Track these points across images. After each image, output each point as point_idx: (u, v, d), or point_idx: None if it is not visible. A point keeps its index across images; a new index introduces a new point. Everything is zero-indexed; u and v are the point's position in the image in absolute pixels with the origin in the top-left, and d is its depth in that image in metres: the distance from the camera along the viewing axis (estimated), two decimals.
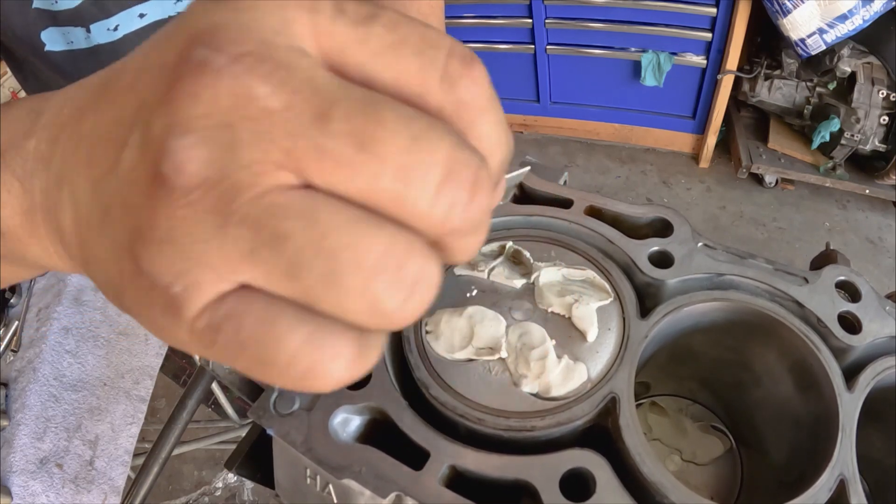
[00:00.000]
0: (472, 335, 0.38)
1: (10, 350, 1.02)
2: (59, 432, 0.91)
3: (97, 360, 1.05)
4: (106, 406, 1.00)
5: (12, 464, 0.84)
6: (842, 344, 0.38)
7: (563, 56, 2.55)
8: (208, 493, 1.78)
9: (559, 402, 0.36)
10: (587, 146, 2.80)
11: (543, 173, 0.51)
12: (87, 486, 0.89)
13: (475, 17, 2.55)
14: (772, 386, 0.44)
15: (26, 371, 0.96)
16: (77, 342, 1.05)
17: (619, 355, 0.38)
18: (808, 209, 2.39)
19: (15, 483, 0.82)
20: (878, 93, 2.02)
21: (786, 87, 2.27)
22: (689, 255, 0.42)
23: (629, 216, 0.46)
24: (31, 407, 0.91)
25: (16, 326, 1.04)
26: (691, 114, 2.57)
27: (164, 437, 0.64)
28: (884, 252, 2.20)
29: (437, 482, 0.33)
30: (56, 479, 0.86)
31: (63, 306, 1.08)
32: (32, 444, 0.88)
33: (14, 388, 0.94)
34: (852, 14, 1.86)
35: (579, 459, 0.33)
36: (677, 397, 0.52)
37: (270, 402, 0.36)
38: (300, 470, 0.36)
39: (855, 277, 0.41)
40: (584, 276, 0.42)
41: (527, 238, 0.45)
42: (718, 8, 2.17)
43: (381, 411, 0.36)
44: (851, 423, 0.35)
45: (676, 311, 0.40)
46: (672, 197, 2.52)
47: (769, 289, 0.41)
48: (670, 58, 2.34)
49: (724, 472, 0.47)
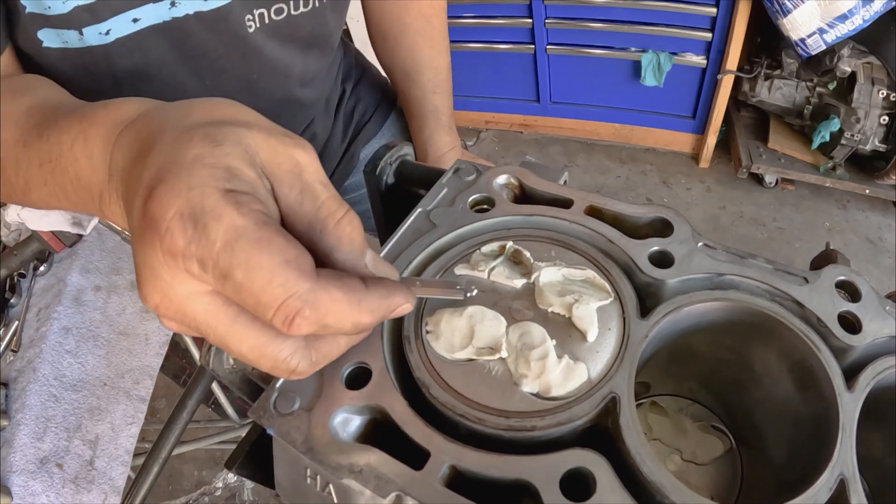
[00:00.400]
0: (472, 335, 0.38)
1: (10, 350, 1.02)
2: (59, 432, 0.91)
3: (97, 360, 1.05)
4: (106, 406, 1.00)
5: (12, 464, 0.84)
6: (842, 344, 0.38)
7: (563, 56, 2.55)
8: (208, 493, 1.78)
9: (559, 401, 0.36)
10: (587, 146, 2.80)
11: (543, 173, 0.51)
12: (87, 486, 0.89)
13: (475, 17, 2.55)
14: (772, 386, 0.44)
15: (26, 371, 0.96)
16: (77, 342, 1.05)
17: (619, 355, 0.38)
18: (808, 209, 2.39)
19: (15, 483, 0.82)
20: (878, 93, 2.02)
21: (786, 87, 2.27)
22: (689, 255, 0.42)
23: (629, 216, 0.46)
24: (31, 407, 0.91)
25: (16, 326, 1.04)
26: (691, 114, 2.57)
27: (164, 437, 0.64)
28: (884, 252, 2.20)
29: (437, 482, 0.33)
30: (56, 479, 0.86)
31: (63, 306, 1.08)
32: (32, 444, 0.88)
33: (14, 388, 0.94)
34: (852, 14, 1.86)
35: (579, 459, 0.33)
36: (677, 397, 0.52)
37: (270, 402, 0.37)
38: (300, 470, 0.36)
39: (855, 277, 0.41)
40: (584, 276, 0.42)
41: (527, 238, 0.45)
42: (718, 8, 2.17)
43: (381, 411, 0.36)
44: (851, 423, 0.35)
45: (676, 311, 0.40)
46: (672, 197, 2.52)
47: (769, 289, 0.41)
48: (670, 58, 2.34)
49: (724, 472, 0.47)
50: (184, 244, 0.27)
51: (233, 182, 0.29)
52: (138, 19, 0.57)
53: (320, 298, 0.29)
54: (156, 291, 0.29)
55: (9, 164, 0.48)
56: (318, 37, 0.74)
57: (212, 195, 0.28)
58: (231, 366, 0.51)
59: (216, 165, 0.29)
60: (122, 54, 0.58)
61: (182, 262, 0.28)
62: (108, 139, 0.38)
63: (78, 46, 0.56)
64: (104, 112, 0.40)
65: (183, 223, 0.27)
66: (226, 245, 0.27)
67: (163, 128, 0.33)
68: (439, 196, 0.49)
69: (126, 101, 0.40)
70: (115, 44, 0.57)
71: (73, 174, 0.41)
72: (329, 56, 0.82)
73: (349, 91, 0.96)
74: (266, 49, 0.67)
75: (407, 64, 0.90)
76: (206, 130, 0.31)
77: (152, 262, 0.29)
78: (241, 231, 0.28)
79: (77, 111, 0.43)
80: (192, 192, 0.28)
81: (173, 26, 0.59)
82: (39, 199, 0.48)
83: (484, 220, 0.47)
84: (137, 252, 0.30)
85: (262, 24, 0.65)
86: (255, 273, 0.27)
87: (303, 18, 0.69)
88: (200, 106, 0.34)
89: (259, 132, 0.32)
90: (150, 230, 0.28)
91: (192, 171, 0.29)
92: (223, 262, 0.27)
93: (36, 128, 0.46)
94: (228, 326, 0.30)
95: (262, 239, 0.28)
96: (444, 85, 0.92)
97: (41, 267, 1.17)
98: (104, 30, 0.55)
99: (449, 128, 0.93)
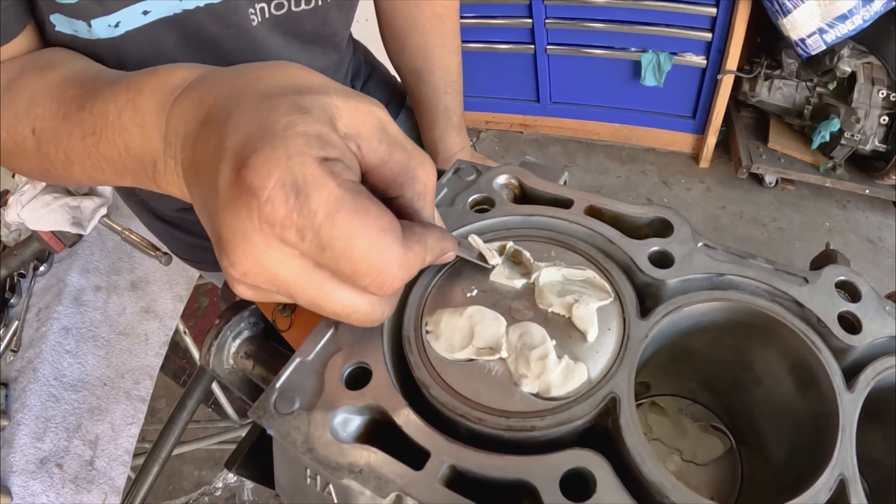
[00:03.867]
0: (472, 335, 0.38)
1: (10, 350, 1.02)
2: (59, 432, 0.92)
3: (97, 360, 1.05)
4: (106, 406, 1.00)
5: (12, 464, 0.84)
6: (842, 344, 0.38)
7: (563, 56, 2.55)
8: (208, 493, 1.78)
9: (559, 402, 0.36)
10: (587, 146, 2.80)
11: (543, 173, 0.51)
12: (87, 486, 0.89)
13: (475, 17, 2.55)
14: (772, 386, 0.44)
15: (26, 371, 0.96)
16: (77, 342, 1.05)
17: (619, 355, 0.38)
18: (808, 209, 2.39)
19: (15, 483, 0.82)
20: (878, 93, 2.02)
21: (786, 87, 2.27)
22: (689, 255, 0.42)
23: (629, 216, 0.46)
24: (31, 407, 0.91)
25: (16, 326, 1.04)
26: (691, 114, 2.57)
27: (164, 437, 0.64)
28: (884, 252, 2.20)
29: (437, 482, 0.33)
30: (56, 479, 0.86)
31: (63, 306, 1.08)
32: (32, 444, 0.88)
33: (14, 388, 0.94)
34: (852, 14, 1.86)
35: (579, 459, 0.33)
36: (677, 397, 0.52)
37: (270, 402, 0.37)
38: (300, 470, 0.36)
39: (855, 277, 0.41)
40: (584, 276, 0.42)
41: (527, 238, 0.45)
42: (718, 8, 2.17)
43: (381, 411, 0.36)
44: (851, 423, 0.35)
45: (676, 311, 0.40)
46: (672, 197, 2.52)
47: (769, 289, 0.41)
48: (670, 58, 2.34)
49: (724, 472, 0.47)
50: (285, 213, 0.28)
51: (326, 150, 0.30)
52: (148, 12, 0.56)
53: (410, 261, 0.31)
54: (246, 257, 0.30)
55: (46, 138, 0.46)
56: (321, 35, 0.74)
57: (311, 164, 0.29)
58: (231, 366, 0.51)
59: (308, 133, 0.30)
60: (132, 47, 0.58)
61: (280, 230, 0.28)
62: (162, 106, 0.38)
63: (87, 38, 0.55)
64: (153, 79, 0.40)
65: (285, 192, 0.28)
66: (327, 216, 0.28)
67: (236, 94, 0.33)
68: (439, 196, 0.49)
69: (175, 67, 0.40)
70: (124, 37, 0.56)
71: (122, 145, 0.41)
72: (335, 54, 0.82)
73: (358, 89, 0.95)
74: (271, 44, 0.67)
75: (418, 63, 0.90)
76: (292, 99, 0.31)
77: (245, 228, 0.29)
78: (341, 202, 0.28)
79: (121, 80, 0.42)
80: (291, 160, 0.28)
81: (183, 19, 0.58)
82: (82, 172, 0.47)
83: (484, 220, 0.47)
84: (225, 219, 0.30)
85: (263, 18, 0.65)
86: (355, 243, 0.29)
87: (304, 15, 0.69)
88: (269, 71, 0.34)
89: (338, 95, 0.33)
90: (247, 198, 0.28)
91: (287, 140, 0.29)
92: (324, 232, 0.28)
93: (76, 100, 0.44)
94: (320, 289, 0.31)
95: (359, 210, 0.29)
96: (455, 85, 0.91)
97: (41, 267, 1.17)
98: (113, 22, 0.55)
99: (459, 128, 0.93)
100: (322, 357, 0.39)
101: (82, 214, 1.15)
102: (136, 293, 1.20)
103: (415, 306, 0.41)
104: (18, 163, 0.51)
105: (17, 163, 0.52)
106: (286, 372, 0.38)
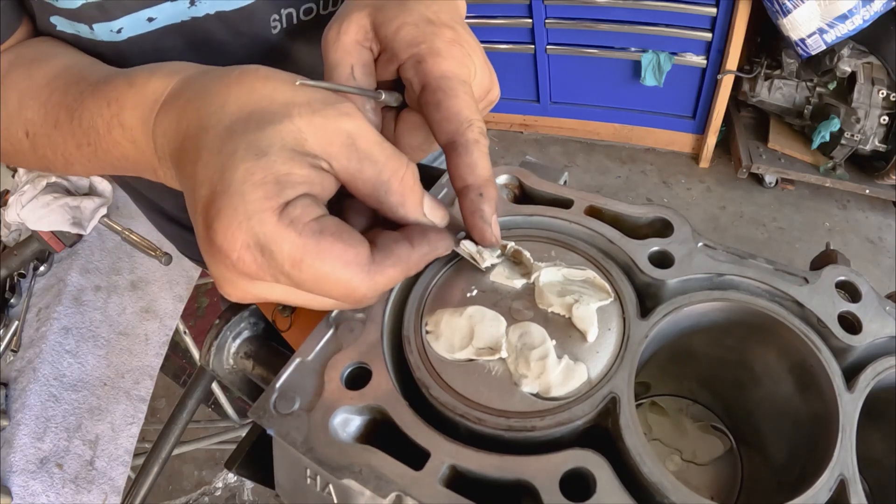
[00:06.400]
0: (472, 335, 0.38)
1: (10, 350, 1.02)
2: (59, 432, 0.92)
3: (97, 360, 1.05)
4: (106, 406, 1.00)
5: (12, 464, 0.84)
6: (842, 344, 0.38)
7: (563, 56, 2.55)
8: (208, 493, 1.78)
9: (559, 402, 0.36)
10: (587, 146, 2.80)
11: (543, 173, 0.51)
12: (87, 486, 0.89)
13: (475, 17, 2.55)
14: (772, 386, 0.44)
15: (26, 371, 0.96)
16: (77, 342, 1.05)
17: (619, 355, 0.38)
18: (808, 209, 2.39)
19: (15, 483, 0.82)
20: (878, 93, 2.02)
21: (786, 87, 2.27)
22: (689, 256, 0.42)
23: (629, 216, 0.46)
24: (31, 407, 0.91)
25: (16, 326, 1.04)
26: (691, 114, 2.57)
27: (164, 437, 0.64)
28: (884, 252, 2.20)
29: (437, 482, 0.33)
30: (56, 479, 0.86)
31: (63, 306, 1.08)
32: (32, 444, 0.88)
33: (14, 388, 0.94)
34: (852, 14, 1.86)
35: (579, 459, 0.33)
36: (677, 397, 0.52)
37: (270, 403, 0.37)
38: (300, 470, 0.36)
39: (855, 277, 0.41)
40: (584, 276, 0.42)
41: (527, 238, 0.45)
42: (718, 8, 2.17)
43: (381, 411, 0.36)
44: (851, 423, 0.35)
45: (676, 312, 0.40)
46: (672, 197, 2.53)
47: (769, 289, 0.41)
48: (670, 58, 2.34)
49: (724, 472, 0.47)
50: (256, 269, 0.32)
51: (285, 193, 0.32)
52: (154, 18, 0.55)
53: (379, 283, 0.34)
54: (235, 290, 0.34)
55: (41, 143, 0.47)
56: None
57: (269, 220, 0.31)
58: (231, 366, 0.51)
59: (266, 181, 0.32)
60: (135, 53, 0.56)
61: (255, 277, 0.32)
62: (146, 121, 0.39)
63: (90, 38, 0.55)
64: (132, 93, 0.40)
65: (251, 253, 0.31)
66: (293, 265, 0.31)
67: (203, 127, 0.34)
68: (439, 196, 0.49)
69: (151, 74, 0.40)
70: (127, 42, 0.55)
71: (119, 153, 0.42)
72: None
73: None
74: (291, 51, 0.65)
75: None
76: (251, 138, 0.33)
77: (228, 275, 0.33)
78: (304, 249, 0.31)
79: (101, 91, 0.43)
80: (251, 221, 0.31)
81: (192, 26, 0.57)
82: (84, 171, 0.49)
83: None
84: (209, 261, 0.33)
85: (288, 25, 0.62)
86: (323, 280, 0.32)
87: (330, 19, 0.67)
88: (235, 92, 0.35)
89: (301, 117, 0.33)
90: (221, 256, 0.32)
91: (245, 196, 0.31)
92: (294, 277, 0.32)
93: (65, 108, 0.45)
94: (305, 299, 0.35)
95: (322, 252, 0.32)
96: None
97: (41, 267, 1.17)
98: (115, 28, 0.54)
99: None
100: (322, 357, 0.39)
101: (82, 214, 1.15)
102: (136, 293, 1.20)
103: (415, 306, 0.41)
104: (18, 161, 0.52)
105: (16, 161, 0.52)
106: (286, 372, 0.38)
